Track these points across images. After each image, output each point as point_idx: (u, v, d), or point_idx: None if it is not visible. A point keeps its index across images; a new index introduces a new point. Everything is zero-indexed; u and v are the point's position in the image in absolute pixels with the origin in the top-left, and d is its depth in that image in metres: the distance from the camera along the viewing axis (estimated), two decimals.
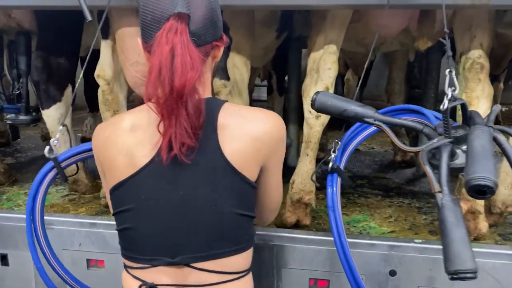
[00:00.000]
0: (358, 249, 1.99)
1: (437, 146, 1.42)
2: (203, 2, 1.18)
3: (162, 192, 1.20)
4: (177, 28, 1.11)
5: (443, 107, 1.42)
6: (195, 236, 1.21)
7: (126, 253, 1.28)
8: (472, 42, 2.20)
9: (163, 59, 1.10)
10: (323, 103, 1.70)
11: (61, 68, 2.61)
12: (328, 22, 2.32)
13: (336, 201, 1.76)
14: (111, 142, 1.25)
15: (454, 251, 1.21)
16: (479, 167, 1.22)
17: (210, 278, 1.23)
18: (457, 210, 1.28)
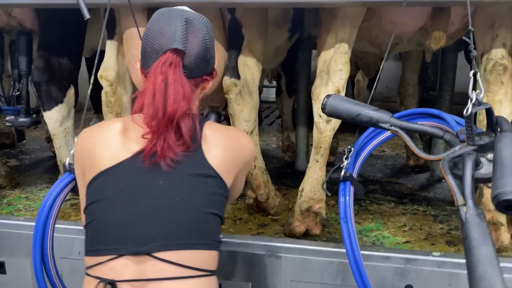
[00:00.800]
0: (372, 262, 1.88)
1: (460, 154, 1.31)
2: (198, 41, 1.33)
3: (139, 184, 1.29)
4: (172, 61, 1.28)
5: (467, 112, 1.30)
6: (163, 226, 1.27)
7: (90, 248, 1.31)
8: (494, 41, 2.07)
9: (157, 86, 1.26)
10: (335, 107, 1.59)
11: (64, 69, 2.53)
12: (339, 20, 2.20)
13: (349, 212, 1.65)
14: (98, 141, 1.35)
15: (481, 271, 1.09)
16: (509, 180, 1.10)
17: (170, 271, 1.24)
18: (483, 225, 1.16)
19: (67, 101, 2.57)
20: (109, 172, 1.30)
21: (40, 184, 3.15)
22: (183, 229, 1.28)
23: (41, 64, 2.47)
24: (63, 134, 2.61)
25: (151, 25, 1.35)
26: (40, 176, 3.34)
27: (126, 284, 1.24)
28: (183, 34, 1.30)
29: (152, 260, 1.24)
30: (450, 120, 1.58)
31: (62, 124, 2.59)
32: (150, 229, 1.26)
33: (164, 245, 1.25)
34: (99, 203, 1.30)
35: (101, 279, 1.24)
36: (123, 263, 1.24)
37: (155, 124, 1.26)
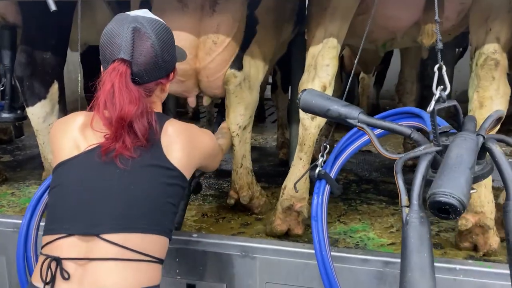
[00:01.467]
0: (349, 265, 1.80)
1: (418, 155, 1.23)
2: (147, 50, 1.40)
3: (95, 172, 1.37)
4: (119, 70, 1.36)
5: (429, 109, 1.23)
6: (113, 210, 1.33)
7: (47, 226, 1.38)
8: (488, 35, 1.97)
9: (106, 93, 1.36)
10: (308, 102, 1.52)
11: (47, 64, 2.49)
12: (328, 14, 2.12)
13: (320, 212, 1.59)
14: (63, 131, 1.46)
15: (409, 277, 1.02)
16: (446, 181, 1.02)
17: (115, 252, 1.29)
18: (423, 230, 1.09)
19: (50, 96, 2.53)
20: (68, 162, 1.40)
21: (28, 181, 3.13)
22: (133, 213, 1.34)
23: (24, 59, 2.43)
24: (46, 130, 2.57)
25: (105, 32, 1.43)
26: (30, 172, 3.32)
27: (70, 261, 1.29)
28: (130, 43, 1.38)
29: (99, 241, 1.30)
30: (427, 119, 1.49)
31: (46, 120, 2.56)
32: (102, 212, 1.33)
33: (112, 227, 1.31)
34: (57, 188, 1.40)
35: (49, 256, 1.31)
36: (70, 242, 1.31)
37: (112, 128, 1.36)
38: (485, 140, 1.26)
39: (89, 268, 1.28)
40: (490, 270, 1.75)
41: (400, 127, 1.42)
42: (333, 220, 2.47)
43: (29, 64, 2.46)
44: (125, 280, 1.28)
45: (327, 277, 1.50)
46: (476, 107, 1.96)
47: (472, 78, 2.01)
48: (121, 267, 1.28)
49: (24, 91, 2.48)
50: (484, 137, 1.26)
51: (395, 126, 1.43)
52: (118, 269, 1.28)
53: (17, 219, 2.16)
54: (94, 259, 1.28)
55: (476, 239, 2.03)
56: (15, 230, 2.11)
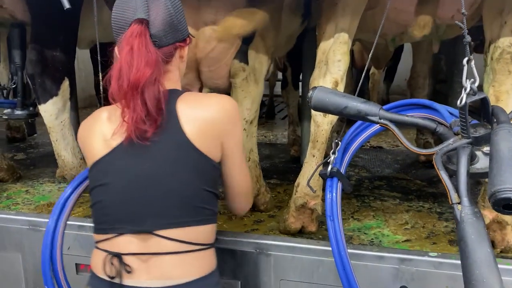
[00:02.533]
0: (365, 262, 1.79)
1: (454, 148, 1.21)
2: (162, 9, 1.35)
3: (130, 168, 1.34)
4: (138, 31, 1.30)
5: (461, 103, 1.20)
6: (159, 206, 1.32)
7: (97, 226, 1.40)
8: (503, 28, 1.94)
9: (123, 57, 1.29)
10: (321, 100, 1.49)
11: (57, 61, 2.51)
12: (339, 9, 2.11)
13: (335, 209, 1.57)
14: (90, 130, 1.42)
15: (477, 275, 1.00)
16: (508, 177, 0.99)
17: (171, 246, 1.31)
18: (480, 225, 1.07)
19: (62, 93, 2.55)
20: (103, 160, 1.37)
21: (42, 178, 3.15)
22: (178, 207, 1.34)
23: (34, 57, 2.45)
24: (59, 127, 2.59)
25: (116, 5, 1.38)
26: (43, 170, 3.35)
27: (132, 256, 1.31)
28: (144, 4, 1.34)
29: (154, 237, 1.31)
30: (443, 111, 1.47)
31: (58, 117, 2.57)
32: (146, 209, 1.33)
33: (163, 224, 1.32)
34: (98, 188, 1.38)
35: (109, 252, 1.33)
36: (126, 239, 1.33)
37: (123, 96, 1.29)
38: None
39: (151, 262, 1.31)
40: (509, 267, 1.73)
41: (425, 121, 1.39)
42: (346, 217, 2.45)
43: (40, 62, 2.48)
44: (188, 270, 1.34)
45: (345, 275, 1.48)
46: (492, 101, 1.92)
47: (487, 72, 1.98)
48: (181, 259, 1.33)
49: (36, 89, 2.50)
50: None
51: (419, 121, 1.40)
52: (179, 261, 1.32)
53: (32, 217, 2.18)
54: (154, 253, 1.31)
55: (494, 236, 2.01)
56: (30, 228, 2.14)
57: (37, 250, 2.16)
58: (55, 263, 1.70)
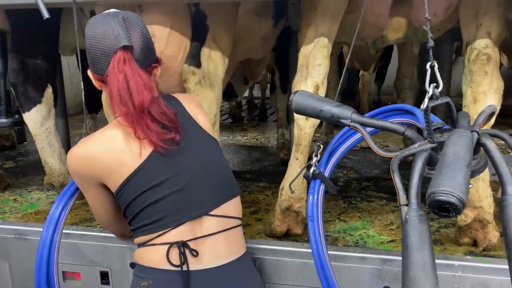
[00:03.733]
0: (348, 263, 1.81)
1: (413, 152, 1.23)
2: (140, 34, 1.43)
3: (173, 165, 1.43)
4: (125, 58, 1.37)
5: (423, 106, 1.23)
6: (210, 188, 1.46)
7: (150, 226, 1.43)
8: (479, 30, 1.97)
9: (119, 85, 1.37)
10: (300, 104, 1.53)
11: (39, 69, 2.51)
12: (319, 13, 2.13)
13: (316, 211, 1.58)
14: (107, 151, 1.42)
15: (411, 276, 1.03)
16: (444, 180, 1.02)
17: (220, 224, 1.45)
18: (423, 227, 1.10)
19: (45, 101, 2.55)
20: (141, 168, 1.41)
21: (30, 186, 3.16)
22: (223, 185, 1.51)
23: (16, 65, 2.45)
24: (45, 134, 2.59)
25: (92, 32, 1.41)
26: (32, 178, 3.36)
27: (191, 242, 1.41)
28: (125, 31, 1.39)
29: (207, 218, 1.44)
30: (420, 116, 1.49)
31: (43, 124, 2.58)
32: (200, 195, 1.44)
33: (215, 203, 1.46)
34: (145, 193, 1.41)
35: (171, 243, 1.39)
36: (184, 228, 1.41)
37: (132, 119, 1.38)
38: (479, 135, 1.26)
39: (207, 244, 1.42)
40: (489, 265, 1.76)
41: (393, 125, 1.41)
42: (333, 218, 2.48)
43: (22, 70, 2.48)
44: (234, 248, 1.48)
45: (324, 276, 1.50)
46: (470, 102, 1.96)
47: (465, 73, 2.01)
48: (228, 236, 1.46)
49: (19, 97, 2.50)
50: (479, 133, 1.26)
51: (388, 125, 1.43)
52: (227, 238, 1.46)
53: (19, 226, 2.19)
54: (207, 235, 1.42)
55: (476, 234, 2.04)
56: (16, 237, 2.14)
57: (23, 259, 2.18)
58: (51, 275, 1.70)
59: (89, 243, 2.07)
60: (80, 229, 2.14)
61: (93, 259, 2.07)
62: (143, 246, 1.45)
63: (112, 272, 2.07)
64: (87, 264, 2.09)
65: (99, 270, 2.09)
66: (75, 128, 5.03)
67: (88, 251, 2.08)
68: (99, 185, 1.48)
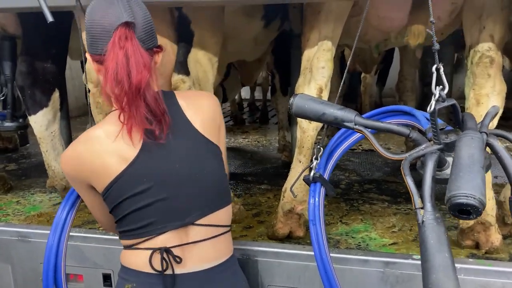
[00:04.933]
0: (350, 266, 1.81)
1: (423, 154, 1.23)
2: (143, 13, 1.36)
3: (160, 170, 1.37)
4: (127, 35, 1.29)
5: (430, 109, 1.23)
6: (198, 198, 1.41)
7: (136, 231, 1.40)
8: (482, 33, 1.97)
9: (119, 61, 1.27)
10: (301, 107, 1.51)
11: (47, 73, 2.53)
12: (322, 17, 2.14)
13: (318, 214, 1.58)
14: (94, 151, 1.36)
15: (433, 279, 1.03)
16: (464, 183, 1.02)
17: (207, 232, 1.42)
18: (440, 230, 1.09)
19: (52, 104, 2.57)
20: (127, 172, 1.35)
21: (33, 188, 3.17)
22: (213, 194, 1.45)
23: (24, 69, 2.47)
24: (49, 138, 2.61)
25: (93, 9, 1.34)
26: (35, 180, 3.37)
27: (176, 248, 1.39)
28: (128, 7, 1.32)
29: (193, 227, 1.40)
30: (421, 118, 1.49)
31: (48, 128, 2.59)
32: (187, 204, 1.40)
33: (201, 213, 1.41)
34: (131, 198, 1.37)
35: (154, 248, 1.37)
36: (169, 235, 1.38)
37: (125, 99, 1.29)
38: (487, 136, 1.26)
39: (193, 250, 1.40)
40: (491, 268, 1.75)
41: (398, 127, 1.41)
42: (335, 221, 2.48)
43: (30, 74, 2.50)
44: (221, 252, 1.46)
45: (327, 279, 1.50)
46: (473, 104, 1.96)
47: (468, 76, 2.01)
48: (214, 243, 1.44)
49: (26, 100, 2.52)
50: (487, 133, 1.26)
51: (393, 127, 1.42)
52: (213, 245, 1.43)
53: (22, 228, 2.19)
54: (194, 242, 1.40)
55: (478, 237, 2.03)
56: (19, 239, 2.15)
57: (26, 261, 2.18)
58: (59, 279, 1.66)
59: (92, 245, 2.08)
60: (83, 231, 2.14)
61: (96, 261, 2.08)
62: (128, 248, 1.43)
63: (115, 274, 2.07)
64: (90, 266, 2.09)
65: (102, 272, 2.09)
66: (77, 130, 5.03)
67: (91, 254, 2.09)
68: (90, 187, 1.43)
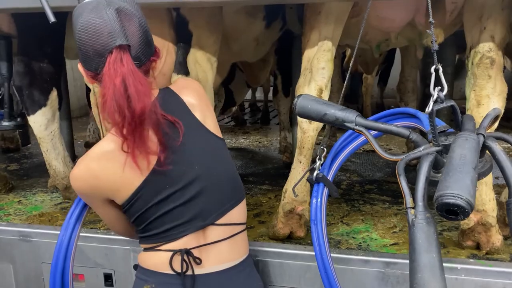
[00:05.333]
0: (351, 266, 1.81)
1: (419, 155, 1.24)
2: (136, 28, 1.30)
3: (179, 176, 1.38)
4: (122, 59, 1.24)
5: (428, 110, 1.24)
6: (219, 197, 1.44)
7: (156, 238, 1.42)
8: (482, 34, 1.97)
9: (116, 90, 1.23)
10: (304, 107, 1.53)
11: (44, 72, 2.53)
12: (322, 17, 2.14)
13: (319, 214, 1.59)
14: (108, 169, 1.35)
15: (419, 278, 1.03)
16: (452, 182, 1.02)
17: (226, 232, 1.44)
18: (430, 230, 1.09)
19: (50, 104, 2.57)
20: (146, 183, 1.36)
21: (35, 188, 3.18)
22: (231, 191, 1.48)
23: (21, 69, 2.47)
24: (49, 137, 2.61)
25: (82, 26, 1.27)
26: (36, 180, 3.37)
27: (195, 250, 1.41)
28: (121, 26, 1.25)
29: (212, 227, 1.43)
30: (424, 120, 1.49)
31: (48, 127, 2.59)
32: (206, 205, 1.42)
33: (219, 213, 1.44)
34: (152, 208, 1.39)
35: (175, 250, 1.39)
36: (190, 237, 1.41)
37: (123, 128, 1.27)
38: (485, 138, 1.27)
39: (211, 251, 1.43)
40: (492, 268, 1.76)
41: (398, 129, 1.42)
42: (336, 221, 2.48)
43: (27, 73, 2.50)
44: (238, 252, 1.48)
45: (328, 280, 1.51)
46: (473, 105, 1.96)
47: (468, 77, 2.01)
48: (232, 243, 1.46)
49: (24, 100, 2.52)
50: (484, 135, 1.27)
51: (392, 128, 1.43)
52: (230, 245, 1.46)
53: (23, 228, 2.20)
54: (212, 242, 1.42)
55: (479, 238, 2.03)
56: (21, 238, 2.16)
57: (28, 261, 2.19)
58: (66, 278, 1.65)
59: (93, 245, 2.09)
60: (84, 231, 2.14)
61: (97, 261, 2.09)
62: (149, 250, 1.45)
63: (116, 274, 2.08)
64: (91, 266, 2.10)
65: (103, 272, 2.10)
66: (78, 131, 5.06)
67: (92, 253, 2.09)
68: (106, 201, 1.42)
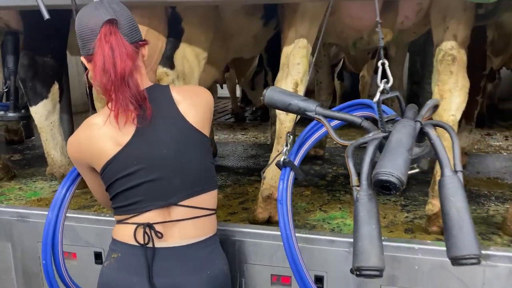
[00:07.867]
0: (319, 246, 1.96)
1: (366, 140, 1.39)
2: (124, 11, 1.54)
3: (149, 155, 1.53)
4: (111, 30, 1.47)
5: (375, 100, 1.39)
6: (182, 182, 1.57)
7: (125, 208, 1.57)
8: (446, 33, 2.12)
9: (105, 55, 1.45)
10: (271, 98, 1.69)
11: (47, 66, 2.70)
12: (298, 16, 2.28)
13: (285, 196, 1.75)
14: (93, 137, 1.54)
15: (360, 247, 1.19)
16: (386, 161, 1.19)
17: (190, 213, 1.58)
18: (371, 205, 1.26)
19: (51, 96, 2.74)
20: (119, 155, 1.52)
21: (35, 177, 3.36)
22: (197, 179, 1.60)
23: (26, 62, 2.65)
24: (49, 127, 2.79)
25: (80, 18, 1.52)
26: (37, 169, 3.56)
27: (158, 225, 1.55)
28: (109, 7, 1.50)
29: (177, 207, 1.56)
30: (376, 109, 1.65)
31: (48, 118, 2.77)
32: (171, 186, 1.55)
33: (185, 195, 1.57)
34: (122, 179, 1.54)
35: (139, 224, 1.54)
36: (154, 213, 1.55)
37: (112, 87, 1.45)
38: (422, 125, 1.42)
39: (174, 227, 1.56)
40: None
41: (352, 117, 1.58)
42: (314, 209, 2.63)
43: (31, 67, 2.67)
44: (202, 231, 1.61)
45: (291, 255, 1.66)
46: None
47: (434, 73, 2.16)
48: (197, 223, 1.60)
49: (27, 92, 2.70)
50: (421, 123, 1.42)
51: (347, 117, 1.59)
52: (195, 224, 1.59)
53: (21, 209, 2.38)
54: (176, 220, 1.56)
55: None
56: (19, 219, 2.34)
57: (25, 240, 2.37)
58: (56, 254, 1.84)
59: (85, 225, 2.26)
60: (77, 212, 2.32)
61: (88, 240, 2.25)
62: (119, 223, 1.61)
63: (105, 252, 2.24)
64: (83, 245, 2.26)
65: (93, 251, 2.27)
66: None
67: (84, 233, 2.26)
68: (90, 168, 1.62)
